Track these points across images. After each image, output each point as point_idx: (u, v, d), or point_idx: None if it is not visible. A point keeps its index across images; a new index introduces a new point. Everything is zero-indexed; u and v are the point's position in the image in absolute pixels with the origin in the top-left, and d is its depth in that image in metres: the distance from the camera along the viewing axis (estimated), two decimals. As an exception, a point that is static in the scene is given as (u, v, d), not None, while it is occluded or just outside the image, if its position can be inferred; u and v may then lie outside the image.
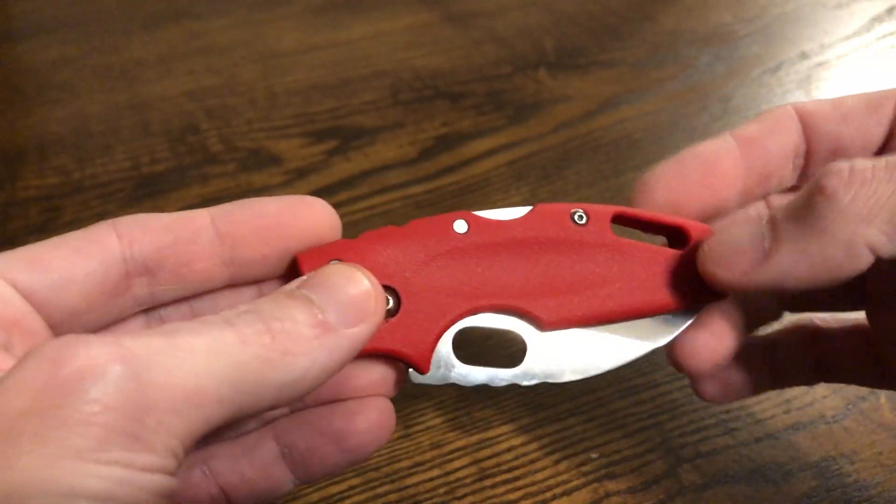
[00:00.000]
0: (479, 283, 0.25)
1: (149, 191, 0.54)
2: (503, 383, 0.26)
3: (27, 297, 0.21)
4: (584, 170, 0.55)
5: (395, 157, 0.57)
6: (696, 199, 0.27)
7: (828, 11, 0.73)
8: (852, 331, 0.31)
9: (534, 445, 0.38)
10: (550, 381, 0.26)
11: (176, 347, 0.17)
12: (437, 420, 0.39)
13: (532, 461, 0.37)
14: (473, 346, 0.26)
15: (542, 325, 0.25)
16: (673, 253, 0.26)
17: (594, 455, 0.38)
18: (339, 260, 0.23)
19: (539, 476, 0.37)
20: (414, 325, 0.24)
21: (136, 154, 0.58)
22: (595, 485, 0.36)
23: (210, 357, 0.18)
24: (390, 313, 0.24)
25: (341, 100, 0.63)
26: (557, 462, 0.37)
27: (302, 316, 0.19)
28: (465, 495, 0.36)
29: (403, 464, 0.37)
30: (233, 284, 0.24)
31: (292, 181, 0.55)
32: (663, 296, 0.26)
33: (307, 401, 0.25)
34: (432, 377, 0.25)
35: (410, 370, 0.25)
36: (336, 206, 0.25)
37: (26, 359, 0.17)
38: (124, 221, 0.22)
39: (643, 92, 0.63)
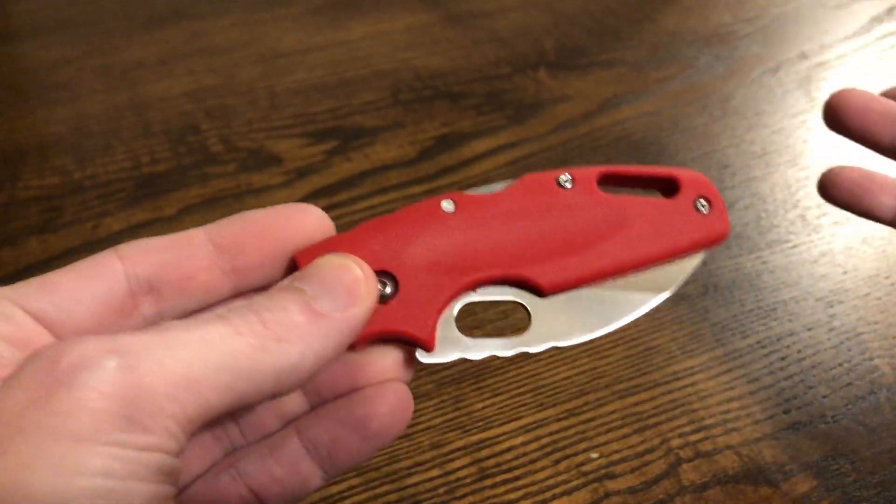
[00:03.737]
0: (473, 257, 0.25)
1: (149, 191, 0.54)
2: (512, 352, 0.26)
3: (38, 319, 0.22)
4: (584, 170, 0.55)
5: (394, 157, 0.57)
6: None
7: (828, 11, 0.73)
8: None
9: (534, 445, 0.38)
10: (560, 344, 0.26)
11: (168, 340, 0.18)
12: (437, 420, 0.39)
13: (532, 461, 0.37)
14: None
15: (542, 290, 0.25)
16: (665, 201, 0.26)
17: (594, 455, 0.38)
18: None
19: (539, 476, 0.37)
20: (414, 305, 0.24)
21: (136, 154, 0.58)
22: (595, 485, 0.36)
23: (202, 347, 0.19)
24: (390, 297, 0.24)
25: (341, 100, 0.63)
26: (557, 462, 0.37)
27: (294, 305, 0.20)
28: (465, 495, 0.36)
29: (403, 464, 0.37)
30: (238, 294, 0.25)
31: (292, 181, 0.55)
32: (660, 245, 0.26)
33: (325, 395, 0.25)
34: (440, 354, 0.25)
35: (418, 351, 0.25)
36: (336, 206, 0.25)
37: (27, 360, 0.18)
38: (125, 246, 0.24)
39: (643, 92, 0.63)
